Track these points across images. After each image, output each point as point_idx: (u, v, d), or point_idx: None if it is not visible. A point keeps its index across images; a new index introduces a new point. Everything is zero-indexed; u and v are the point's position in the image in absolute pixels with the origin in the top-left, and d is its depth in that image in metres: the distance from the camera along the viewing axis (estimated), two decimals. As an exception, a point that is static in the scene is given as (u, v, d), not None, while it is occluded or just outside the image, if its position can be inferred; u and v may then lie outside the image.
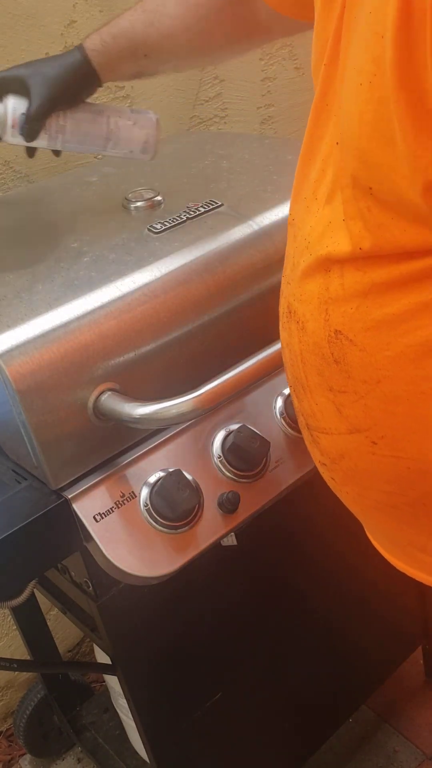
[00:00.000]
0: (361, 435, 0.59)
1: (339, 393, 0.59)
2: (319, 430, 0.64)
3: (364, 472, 0.62)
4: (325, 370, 0.59)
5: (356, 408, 0.58)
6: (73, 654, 1.73)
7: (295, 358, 0.63)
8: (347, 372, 0.57)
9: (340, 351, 0.57)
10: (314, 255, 0.58)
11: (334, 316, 0.57)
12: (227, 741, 1.17)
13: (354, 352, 0.56)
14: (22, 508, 0.78)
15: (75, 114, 0.92)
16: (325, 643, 1.26)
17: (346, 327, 0.56)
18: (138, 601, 0.92)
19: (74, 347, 0.77)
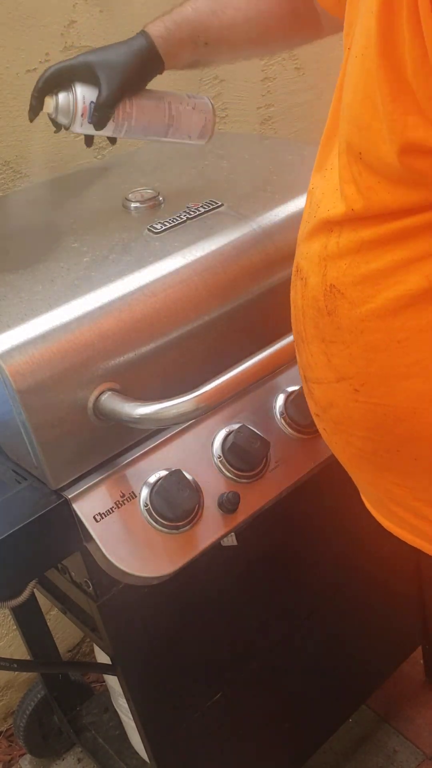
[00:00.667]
0: (346, 383, 0.64)
1: (330, 343, 0.64)
2: (313, 380, 0.69)
3: (348, 419, 0.67)
4: (320, 321, 0.64)
5: (343, 357, 0.63)
6: (73, 654, 1.73)
7: (298, 313, 0.68)
8: (337, 323, 0.62)
9: (332, 303, 0.62)
10: (318, 217, 0.64)
11: (330, 271, 0.62)
12: (227, 741, 1.17)
13: (344, 304, 0.61)
14: (22, 508, 0.78)
15: (140, 101, 0.92)
16: (325, 643, 1.26)
17: (339, 281, 0.61)
18: (138, 601, 0.92)
19: (74, 347, 0.77)
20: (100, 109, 0.88)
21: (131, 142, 1.44)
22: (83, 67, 0.88)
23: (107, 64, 0.88)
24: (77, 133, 0.92)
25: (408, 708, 1.53)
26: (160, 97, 0.94)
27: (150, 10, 1.37)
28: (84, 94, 0.88)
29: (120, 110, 0.90)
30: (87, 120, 0.89)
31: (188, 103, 0.96)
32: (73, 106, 0.88)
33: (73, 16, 1.28)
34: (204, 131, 0.98)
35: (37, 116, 0.92)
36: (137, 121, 0.92)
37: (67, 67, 0.89)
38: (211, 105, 0.98)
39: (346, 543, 1.19)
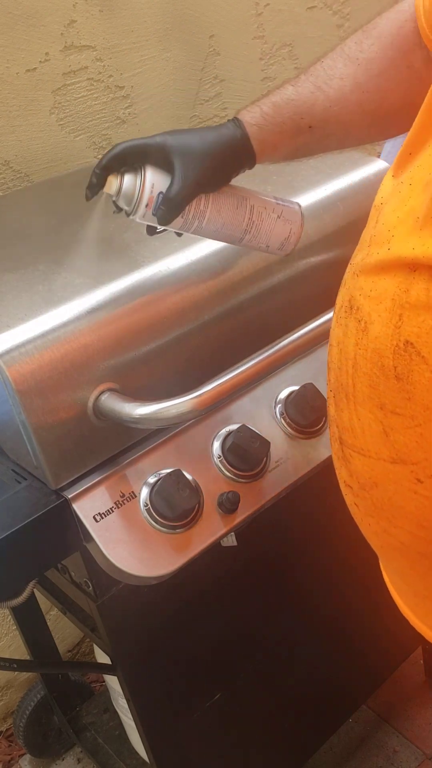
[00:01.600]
0: (407, 468, 0.52)
1: (391, 414, 0.52)
2: (355, 449, 0.57)
3: (398, 508, 0.55)
4: (381, 383, 0.52)
5: (408, 435, 0.51)
6: (73, 654, 1.73)
7: (346, 361, 0.56)
8: (408, 392, 0.50)
9: (405, 366, 0.50)
10: (396, 251, 0.51)
11: (408, 324, 0.49)
12: (227, 741, 1.17)
13: (423, 371, 0.49)
14: (22, 508, 0.78)
15: (218, 197, 0.78)
16: (325, 643, 1.26)
17: (421, 340, 0.48)
18: (138, 601, 0.92)
19: (74, 347, 0.77)
20: (169, 204, 0.75)
21: (131, 142, 1.44)
22: (159, 149, 0.75)
23: (187, 151, 0.74)
24: (137, 222, 0.79)
25: (408, 708, 1.53)
26: (242, 197, 0.80)
27: (150, 9, 1.37)
28: (154, 182, 0.75)
29: (192, 207, 0.77)
30: (151, 212, 0.76)
31: (274, 210, 0.81)
32: (138, 194, 0.75)
33: (73, 16, 1.28)
34: (285, 244, 0.83)
35: (96, 195, 0.79)
36: (210, 222, 0.79)
37: (140, 145, 0.76)
38: (300, 214, 0.83)
39: (346, 543, 1.19)
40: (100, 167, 0.77)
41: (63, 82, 1.30)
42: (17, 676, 1.63)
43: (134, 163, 0.76)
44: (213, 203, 0.78)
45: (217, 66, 1.53)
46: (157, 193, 0.75)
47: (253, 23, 1.56)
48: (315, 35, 1.68)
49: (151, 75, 1.43)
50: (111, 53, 1.35)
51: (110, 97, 1.38)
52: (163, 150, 0.75)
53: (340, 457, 0.60)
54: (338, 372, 0.57)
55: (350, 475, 0.59)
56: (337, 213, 0.98)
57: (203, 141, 0.75)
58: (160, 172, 0.75)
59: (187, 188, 0.74)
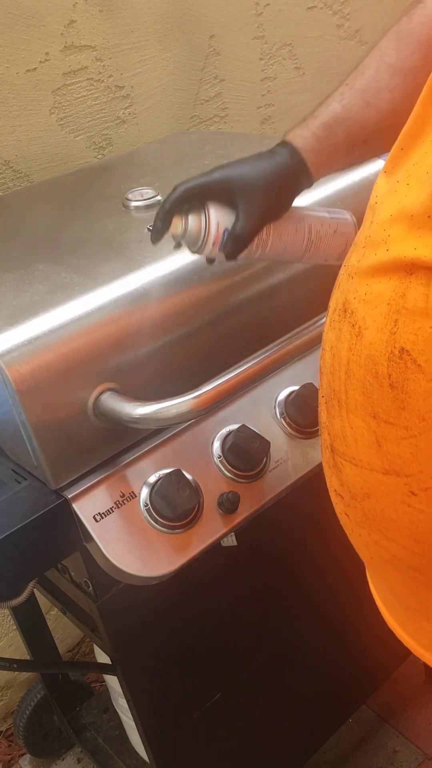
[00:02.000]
0: (400, 480, 0.50)
1: (385, 423, 0.50)
2: (347, 458, 0.55)
3: (390, 521, 0.53)
4: (374, 391, 0.50)
5: (403, 447, 0.49)
6: (73, 654, 1.73)
7: (339, 367, 0.54)
8: (403, 401, 0.48)
9: (400, 374, 0.48)
10: (393, 253, 0.49)
11: (404, 330, 0.47)
12: (227, 741, 1.17)
13: (419, 380, 0.46)
14: (22, 508, 0.78)
15: (278, 225, 0.79)
16: (325, 643, 1.26)
17: (418, 348, 0.46)
18: (138, 601, 0.92)
19: (74, 347, 0.77)
20: (236, 240, 0.76)
21: (130, 141, 1.44)
22: (221, 186, 0.75)
23: (248, 186, 0.74)
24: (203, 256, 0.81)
25: (408, 708, 1.53)
26: (299, 219, 0.81)
27: (150, 9, 1.37)
28: (219, 220, 0.75)
29: (256, 238, 0.77)
30: (219, 249, 0.77)
31: (330, 225, 0.82)
32: (204, 233, 0.76)
33: (73, 16, 1.28)
34: (342, 255, 0.81)
35: (162, 238, 0.79)
36: (272, 249, 0.79)
37: (201, 185, 0.76)
38: (353, 226, 0.83)
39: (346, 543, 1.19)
40: (164, 212, 0.77)
41: (63, 82, 1.30)
42: (17, 676, 1.63)
43: (196, 202, 0.77)
44: (274, 231, 0.79)
45: (217, 66, 1.53)
46: (223, 230, 0.75)
47: (253, 23, 1.56)
48: (315, 35, 1.68)
49: (151, 75, 1.43)
50: (111, 53, 1.35)
51: (110, 97, 1.38)
52: (225, 186, 0.75)
53: (331, 465, 0.59)
54: (331, 378, 0.56)
55: (341, 484, 0.58)
56: (337, 213, 0.98)
57: (263, 174, 0.75)
58: (223, 209, 0.76)
59: (253, 224, 0.75)
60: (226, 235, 0.76)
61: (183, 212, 0.77)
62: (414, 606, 0.61)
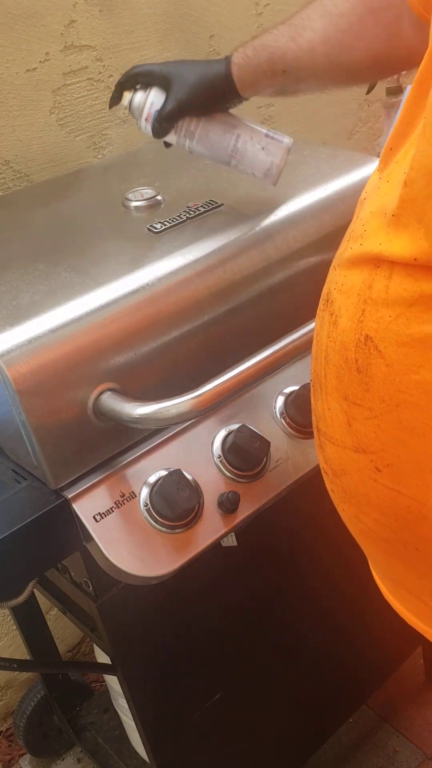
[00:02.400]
0: (366, 456, 0.54)
1: (353, 404, 0.54)
2: (327, 437, 0.59)
3: (362, 495, 0.57)
4: (345, 375, 0.54)
5: (367, 426, 0.53)
6: (73, 654, 1.73)
7: (320, 353, 0.58)
8: (367, 384, 0.52)
9: (365, 359, 0.51)
10: (366, 246, 0.52)
11: (369, 319, 0.51)
12: (227, 741, 1.17)
13: (379, 364, 0.50)
14: (22, 508, 0.78)
15: (207, 122, 0.91)
16: (325, 643, 1.26)
17: (379, 335, 0.50)
18: (138, 601, 0.92)
19: (74, 347, 0.77)
20: (159, 120, 0.89)
21: (131, 141, 1.44)
22: (162, 75, 0.89)
23: (180, 80, 0.87)
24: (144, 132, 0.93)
25: (408, 708, 1.53)
26: (231, 126, 0.91)
27: (150, 9, 1.37)
28: (153, 101, 0.89)
29: (183, 126, 0.90)
30: (149, 125, 0.91)
31: (260, 141, 0.91)
32: (141, 108, 0.91)
33: (73, 16, 1.28)
34: (268, 174, 0.93)
35: (116, 105, 0.95)
36: (199, 142, 0.92)
37: (149, 70, 0.90)
38: (285, 150, 0.92)
39: (346, 543, 1.19)
40: (118, 83, 0.93)
41: (63, 82, 1.30)
42: (17, 676, 1.63)
43: (145, 83, 0.91)
44: (202, 126, 0.91)
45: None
46: (154, 110, 0.90)
47: (253, 23, 1.56)
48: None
49: (151, 75, 1.43)
50: (111, 53, 1.35)
51: (110, 97, 1.38)
52: (164, 75, 0.89)
53: (318, 444, 0.63)
54: (315, 363, 0.60)
55: (325, 461, 0.62)
56: (336, 213, 0.98)
57: (194, 72, 0.88)
58: (161, 93, 0.90)
59: (173, 109, 0.88)
60: (156, 114, 0.90)
61: (134, 89, 0.92)
62: (393, 576, 0.64)
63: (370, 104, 1.91)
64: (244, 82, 0.87)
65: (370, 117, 1.95)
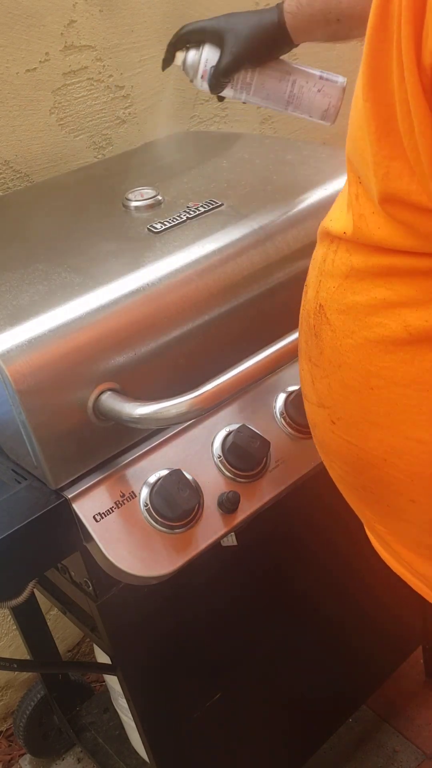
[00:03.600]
0: (325, 411, 0.61)
1: (314, 366, 0.61)
2: (304, 396, 0.66)
3: (327, 446, 0.64)
4: (309, 339, 0.61)
5: (323, 384, 0.60)
6: (73, 654, 1.73)
7: (299, 320, 0.65)
8: (320, 348, 0.59)
9: (319, 325, 0.58)
10: (324, 223, 0.59)
11: (323, 289, 0.58)
12: (227, 741, 1.17)
13: (327, 330, 0.57)
14: (22, 508, 0.78)
15: (262, 72, 0.93)
16: (325, 643, 1.26)
17: (327, 303, 0.57)
18: (138, 601, 0.92)
19: (74, 347, 0.77)
20: (216, 76, 0.92)
21: (131, 141, 1.44)
22: (213, 30, 0.91)
23: (234, 33, 0.90)
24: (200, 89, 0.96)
25: (408, 708, 1.53)
26: (286, 72, 0.94)
27: (150, 9, 1.37)
28: (208, 57, 0.92)
29: (239, 79, 0.93)
30: (206, 82, 0.94)
31: (315, 84, 0.95)
32: (195, 66, 0.94)
33: (73, 16, 1.28)
34: (326, 115, 0.97)
35: (169, 66, 0.98)
36: (255, 92, 0.94)
37: (200, 28, 0.93)
38: (341, 89, 0.95)
39: (346, 543, 1.19)
40: (170, 44, 0.96)
41: (63, 82, 1.30)
42: (17, 676, 1.63)
43: (197, 41, 0.94)
44: (258, 77, 0.93)
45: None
46: (210, 66, 0.93)
47: (253, 23, 1.56)
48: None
49: (151, 75, 1.43)
50: (111, 53, 1.35)
51: (110, 97, 1.38)
52: (216, 31, 0.92)
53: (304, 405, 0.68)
54: (299, 332, 0.66)
55: (306, 417, 0.68)
56: (337, 213, 0.98)
57: (247, 24, 0.90)
58: (214, 49, 0.92)
59: (230, 63, 0.91)
60: (212, 71, 0.92)
61: (186, 47, 0.94)
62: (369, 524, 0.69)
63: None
64: (297, 30, 0.89)
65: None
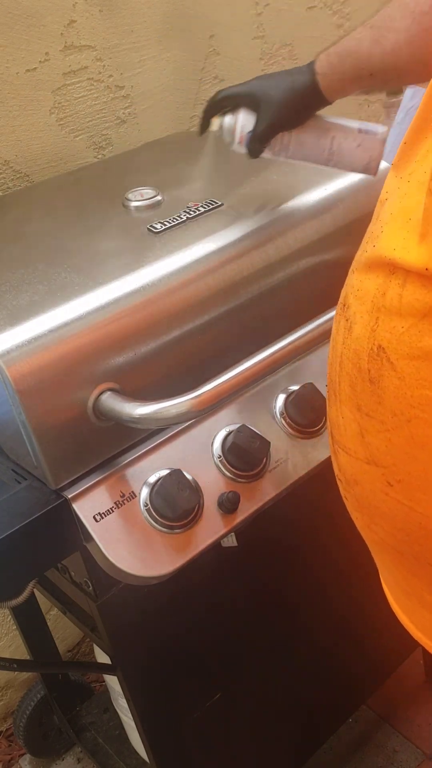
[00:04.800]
0: (378, 470, 0.53)
1: (366, 416, 0.52)
2: (340, 445, 0.59)
3: (374, 508, 0.57)
4: (358, 385, 0.53)
5: (379, 439, 0.52)
6: (73, 654, 1.73)
7: (335, 360, 0.57)
8: (379, 397, 0.50)
9: (377, 371, 0.50)
10: (379, 249, 0.51)
11: (382, 328, 0.49)
12: (227, 741, 1.17)
13: (391, 377, 0.49)
14: (22, 508, 0.78)
15: (300, 133, 0.92)
16: (325, 643, 1.26)
17: (391, 346, 0.49)
18: (138, 601, 0.92)
19: (74, 347, 0.77)
20: (253, 140, 0.91)
21: (131, 141, 1.44)
22: (248, 96, 0.91)
23: (267, 99, 0.89)
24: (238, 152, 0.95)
25: (408, 708, 1.53)
26: (324, 130, 0.93)
27: (150, 9, 1.37)
28: (244, 123, 0.91)
29: (277, 141, 0.92)
30: (243, 147, 0.93)
31: (355, 139, 0.93)
32: (232, 132, 0.93)
33: (73, 16, 1.28)
34: (368, 168, 0.95)
35: (206, 132, 0.98)
36: (294, 154, 0.94)
37: (234, 94, 0.92)
38: (380, 142, 0.94)
39: (346, 543, 1.19)
40: (204, 111, 0.96)
41: (63, 82, 1.30)
42: (17, 676, 1.63)
43: (232, 106, 0.93)
44: (295, 138, 0.93)
45: (217, 66, 1.53)
46: (247, 132, 0.92)
47: (253, 23, 1.56)
48: (315, 35, 1.68)
49: (151, 75, 1.43)
50: (111, 53, 1.35)
51: (110, 97, 1.38)
52: (250, 96, 0.91)
53: (332, 451, 0.62)
54: (330, 369, 0.59)
55: (339, 470, 0.61)
56: (337, 213, 0.98)
57: (281, 89, 0.89)
58: (250, 114, 0.92)
59: (267, 129, 0.90)
60: (249, 136, 0.92)
61: (222, 113, 0.94)
62: (405, 588, 0.63)
63: (370, 104, 1.91)
64: (331, 90, 0.88)
65: (370, 117, 1.95)
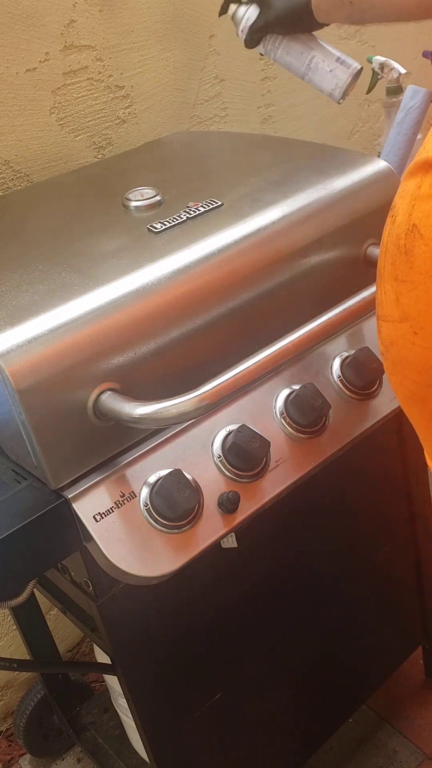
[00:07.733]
0: (407, 324, 0.66)
1: (401, 282, 0.66)
2: (383, 318, 0.70)
3: (404, 360, 0.69)
4: (397, 259, 0.66)
5: (409, 297, 0.65)
6: (73, 654, 1.73)
7: (382, 250, 0.70)
8: (411, 263, 0.64)
9: (411, 243, 0.64)
10: (420, 156, 0.65)
11: (417, 211, 0.63)
12: (227, 741, 1.17)
13: (420, 245, 0.62)
14: (22, 508, 0.78)
15: (290, 41, 1.10)
16: (325, 643, 1.26)
17: (422, 222, 0.63)
18: (138, 600, 0.92)
19: (74, 347, 0.77)
20: (249, 34, 1.11)
21: (131, 142, 1.44)
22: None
23: (271, 3, 1.08)
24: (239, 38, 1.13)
25: (408, 708, 1.53)
26: (309, 47, 1.10)
27: (150, 9, 1.37)
28: (249, 16, 1.10)
29: (269, 42, 1.11)
30: (243, 37, 1.12)
31: (329, 64, 1.09)
32: (239, 21, 1.11)
33: (73, 16, 1.28)
34: (332, 94, 1.11)
35: (224, 14, 1.16)
36: (280, 57, 1.12)
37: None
38: (350, 75, 1.09)
39: (346, 543, 1.19)
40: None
41: (63, 82, 1.30)
42: (17, 676, 1.63)
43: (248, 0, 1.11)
44: (285, 44, 1.11)
45: (217, 66, 1.53)
46: (249, 24, 1.11)
47: (253, 23, 1.55)
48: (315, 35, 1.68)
49: (151, 75, 1.43)
50: (111, 53, 1.35)
51: (110, 97, 1.38)
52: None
53: (378, 330, 0.73)
54: (379, 261, 0.71)
55: (381, 342, 0.73)
56: (337, 213, 0.98)
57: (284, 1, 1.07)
58: (256, 10, 1.09)
59: (261, 27, 1.10)
60: (248, 28, 1.11)
61: (241, 2, 1.12)
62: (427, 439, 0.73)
63: (370, 104, 1.91)
64: (319, 11, 1.05)
65: (370, 117, 1.95)
